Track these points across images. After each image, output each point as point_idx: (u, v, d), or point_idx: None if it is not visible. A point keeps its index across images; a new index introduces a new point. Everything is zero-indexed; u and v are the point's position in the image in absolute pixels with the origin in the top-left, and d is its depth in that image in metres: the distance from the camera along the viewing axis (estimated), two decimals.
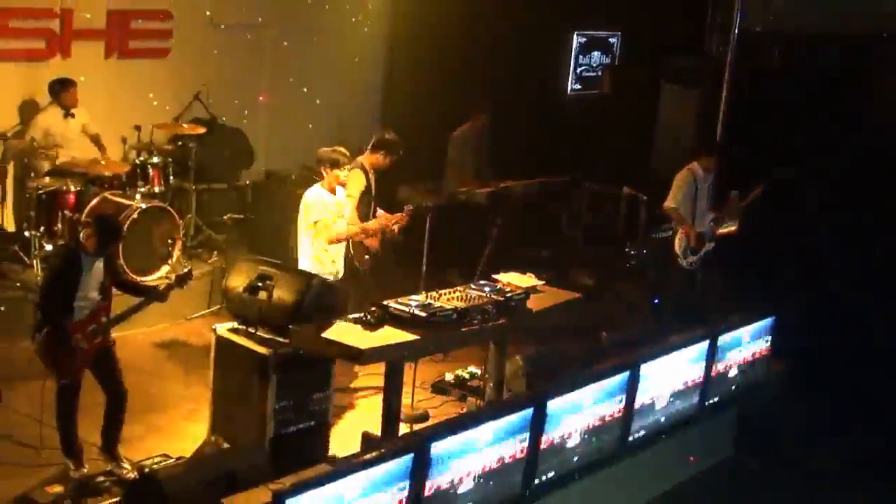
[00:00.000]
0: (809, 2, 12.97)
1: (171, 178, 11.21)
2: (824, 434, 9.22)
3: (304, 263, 8.67)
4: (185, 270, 7.54)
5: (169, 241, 10.55)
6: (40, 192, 10.25)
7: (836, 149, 12.24)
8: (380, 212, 9.21)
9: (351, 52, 13.82)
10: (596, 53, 14.59)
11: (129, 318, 7.39)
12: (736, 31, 12.35)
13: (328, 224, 8.55)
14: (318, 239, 8.61)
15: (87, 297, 7.09)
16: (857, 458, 8.97)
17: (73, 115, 10.69)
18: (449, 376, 9.43)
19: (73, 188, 10.25)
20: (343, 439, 8.12)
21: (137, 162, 10.89)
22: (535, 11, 13.40)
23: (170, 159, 11.24)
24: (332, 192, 8.65)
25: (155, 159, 10.96)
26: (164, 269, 10.36)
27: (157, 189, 10.85)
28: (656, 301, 10.90)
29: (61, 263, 7.19)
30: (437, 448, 6.25)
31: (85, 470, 7.20)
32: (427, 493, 6.23)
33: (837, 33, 13.03)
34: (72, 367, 7.09)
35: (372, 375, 8.82)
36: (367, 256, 9.07)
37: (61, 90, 10.60)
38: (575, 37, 14.32)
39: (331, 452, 7.76)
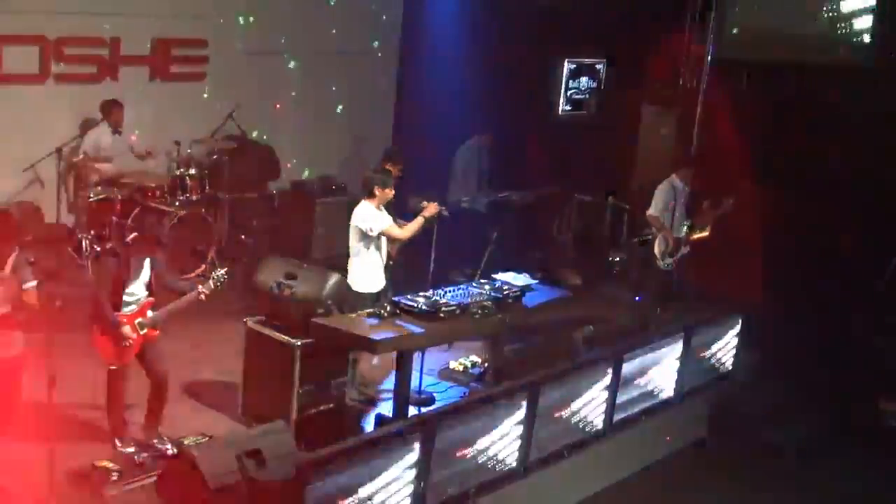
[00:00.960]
0: (773, 34, 12.97)
1: (207, 187, 11.25)
2: (787, 417, 9.22)
3: (361, 272, 8.53)
4: (222, 272, 7.55)
5: (205, 243, 10.58)
6: (91, 200, 10.30)
7: (797, 164, 12.26)
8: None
9: (366, 76, 13.84)
10: (584, 79, 14.56)
11: (171, 312, 7.41)
12: (708, 59, 12.37)
13: (392, 229, 8.51)
14: (393, 244, 8.62)
15: (134, 293, 7.13)
16: (817, 437, 8.97)
17: (119, 133, 10.73)
18: (453, 364, 9.44)
19: (120, 197, 10.29)
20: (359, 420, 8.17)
21: (177, 173, 10.93)
22: (531, 40, 13.43)
23: (206, 171, 11.28)
24: (379, 208, 8.58)
25: (193, 171, 11.00)
26: (201, 268, 10.40)
27: (194, 197, 10.89)
28: (637, 298, 10.91)
29: (111, 262, 7.22)
30: (443, 428, 6.27)
31: (131, 447, 7.23)
32: (433, 468, 6.25)
33: (798, 62, 13.05)
34: (120, 355, 7.13)
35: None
36: (389, 262, 9.05)
37: (111, 110, 10.64)
38: (566, 64, 14.31)
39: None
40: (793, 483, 8.30)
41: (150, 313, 7.21)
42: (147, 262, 7.19)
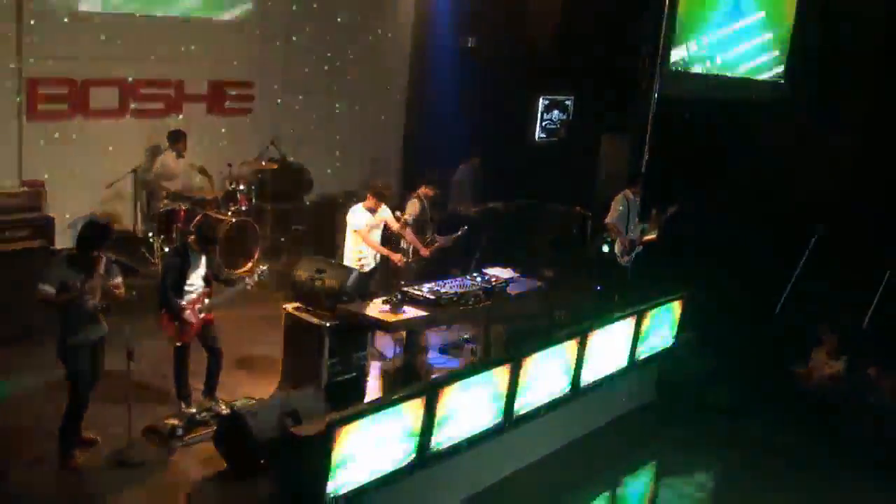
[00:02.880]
0: (708, 77, 12.99)
1: (254, 200, 11.24)
2: (720, 381, 9.22)
3: (347, 255, 8.73)
4: (265, 268, 7.54)
5: (252, 245, 10.57)
6: (160, 210, 10.29)
7: (724, 179, 12.28)
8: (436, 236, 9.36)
9: (380, 111, 13.85)
10: (556, 112, 14.52)
11: (224, 301, 7.39)
12: (656, 95, 12.34)
13: (363, 232, 8.56)
14: (358, 240, 8.61)
15: (194, 284, 7.11)
16: (745, 399, 8.97)
17: (183, 157, 10.72)
18: (451, 341, 9.43)
19: (183, 208, 10.28)
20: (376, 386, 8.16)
21: (229, 189, 10.93)
22: (513, 81, 13.45)
23: (253, 187, 11.27)
24: (371, 211, 8.64)
25: (242, 187, 11.00)
26: (248, 265, 10.38)
27: (243, 208, 10.88)
28: (598, 287, 10.89)
29: (175, 259, 7.20)
30: (443, 392, 6.26)
31: (193, 408, 7.22)
32: (435, 425, 6.24)
33: (728, 99, 13.08)
34: (184, 334, 7.11)
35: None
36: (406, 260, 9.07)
37: (176, 139, 10.63)
38: (541, 100, 14.30)
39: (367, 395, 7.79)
40: (726, 436, 8.31)
41: (207, 301, 7.20)
42: (204, 259, 7.18)
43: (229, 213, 10.53)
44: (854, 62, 12.68)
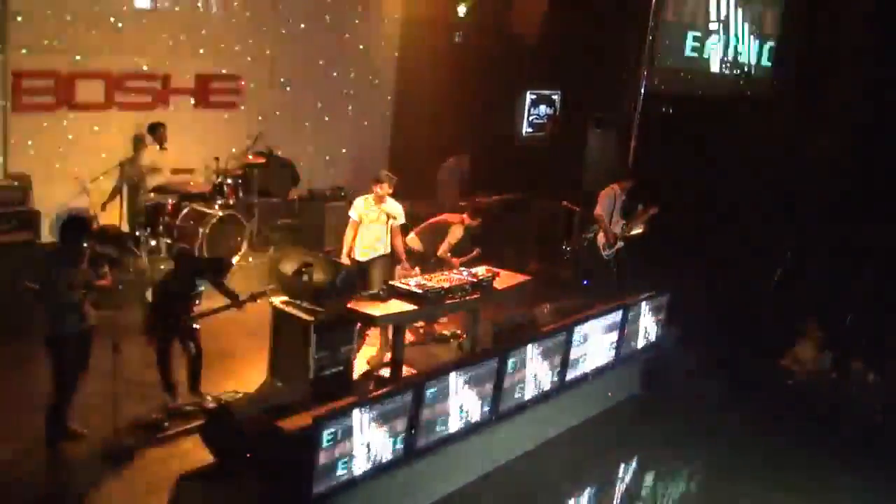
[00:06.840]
0: (692, 74, 13.03)
1: (241, 194, 11.18)
2: (702, 376, 9.26)
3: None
4: (262, 290, 7.48)
5: (239, 238, 10.52)
6: (147, 204, 10.23)
7: (707, 173, 12.32)
8: None
9: (368, 106, 13.80)
10: (543, 106, 14.54)
11: (217, 313, 7.32)
12: (641, 91, 12.37)
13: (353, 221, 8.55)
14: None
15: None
16: (725, 393, 9.02)
17: (166, 149, 10.65)
18: (438, 334, 9.41)
19: (170, 201, 10.22)
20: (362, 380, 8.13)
21: (216, 182, 10.86)
22: (500, 76, 13.45)
23: (240, 180, 11.21)
24: (369, 202, 8.56)
25: (229, 180, 10.93)
26: (235, 259, 10.33)
27: (230, 202, 10.82)
28: (585, 282, 10.90)
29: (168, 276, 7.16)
30: (430, 386, 6.26)
31: (179, 402, 7.18)
32: (422, 418, 6.24)
33: (713, 95, 13.12)
34: (170, 330, 7.08)
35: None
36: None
37: (156, 130, 10.57)
38: (528, 94, 14.30)
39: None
40: (711, 429, 8.35)
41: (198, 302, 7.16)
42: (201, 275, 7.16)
43: (216, 207, 10.48)
44: (839, 60, 12.75)
